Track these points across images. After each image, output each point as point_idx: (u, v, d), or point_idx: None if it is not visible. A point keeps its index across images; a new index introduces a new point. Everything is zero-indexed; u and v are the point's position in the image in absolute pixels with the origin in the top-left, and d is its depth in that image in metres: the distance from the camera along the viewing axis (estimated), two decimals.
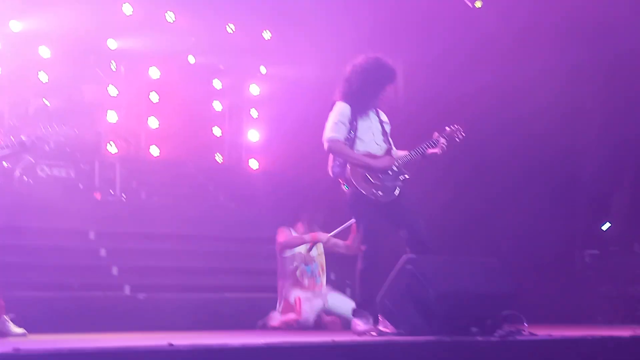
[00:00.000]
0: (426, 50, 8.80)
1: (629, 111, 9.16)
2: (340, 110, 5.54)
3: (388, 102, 5.74)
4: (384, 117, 5.75)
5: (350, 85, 5.55)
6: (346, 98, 5.57)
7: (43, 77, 9.50)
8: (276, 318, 7.16)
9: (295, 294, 7.24)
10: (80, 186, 8.93)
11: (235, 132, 11.09)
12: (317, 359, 4.01)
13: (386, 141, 5.68)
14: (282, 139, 10.20)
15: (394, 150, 5.67)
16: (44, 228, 7.78)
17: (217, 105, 11.00)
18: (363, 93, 5.54)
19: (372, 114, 5.66)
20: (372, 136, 5.59)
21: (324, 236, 7.30)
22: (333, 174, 5.62)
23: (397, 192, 5.52)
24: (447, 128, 5.74)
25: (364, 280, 5.51)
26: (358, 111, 5.56)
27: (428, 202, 6.93)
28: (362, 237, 5.55)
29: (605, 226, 9.67)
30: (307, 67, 9.51)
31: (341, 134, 5.50)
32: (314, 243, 7.34)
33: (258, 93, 11.00)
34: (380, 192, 5.47)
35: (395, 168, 5.55)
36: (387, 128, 5.74)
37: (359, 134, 5.53)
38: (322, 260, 7.58)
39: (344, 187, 5.59)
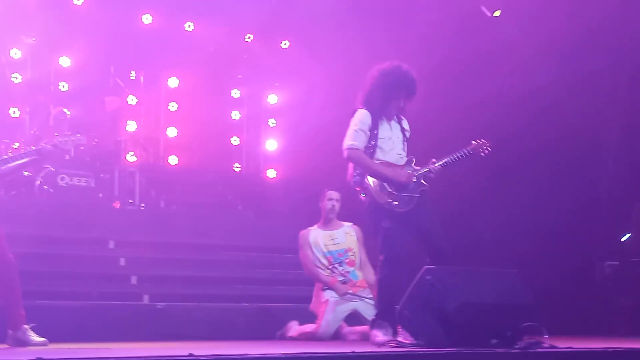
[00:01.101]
0: (442, 57, 8.79)
1: None
2: (361, 118, 5.53)
3: (409, 110, 5.71)
4: (405, 125, 5.73)
5: (372, 92, 5.54)
6: (367, 104, 5.56)
7: (63, 86, 9.57)
8: (294, 329, 7.12)
9: (326, 295, 7.02)
10: (100, 195, 8.97)
11: (254, 141, 11.12)
12: None
13: (407, 150, 5.67)
14: (300, 148, 10.21)
15: (413, 160, 5.65)
16: (63, 237, 7.82)
17: (236, 115, 11.04)
18: (383, 100, 5.51)
19: (393, 122, 5.65)
20: (392, 145, 5.58)
21: (341, 290, 6.98)
22: (353, 182, 5.61)
23: (414, 202, 5.50)
24: (473, 142, 5.75)
25: (382, 290, 5.51)
26: (379, 118, 5.54)
27: (446, 212, 6.89)
28: (380, 246, 5.54)
29: (626, 237, 9.59)
30: (325, 77, 9.51)
31: (361, 142, 5.49)
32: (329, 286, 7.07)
33: (276, 102, 11.02)
34: (396, 202, 5.46)
35: (414, 179, 5.54)
36: (408, 135, 5.71)
37: (379, 142, 5.52)
38: (354, 252, 7.19)
39: (362, 196, 5.59)
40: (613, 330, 8.42)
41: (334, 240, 7.16)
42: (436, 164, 5.60)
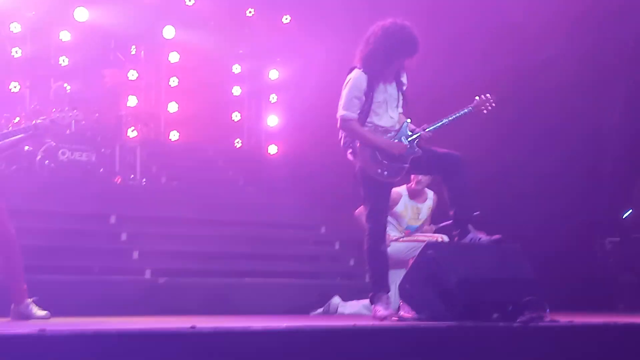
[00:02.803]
0: (446, 34, 8.74)
1: None
2: (356, 82, 5.33)
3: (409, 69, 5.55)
4: (404, 79, 5.51)
5: (373, 52, 5.31)
6: (366, 65, 5.35)
7: (63, 60, 9.53)
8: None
9: None
10: (101, 170, 8.97)
11: (255, 117, 11.10)
12: (339, 344, 4.01)
13: (402, 110, 5.48)
14: (301, 124, 10.19)
15: (407, 123, 5.47)
16: (65, 212, 7.83)
17: (237, 90, 11.01)
18: (385, 63, 5.32)
19: (389, 81, 5.44)
20: (386, 108, 5.41)
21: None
22: (343, 145, 5.48)
23: (403, 172, 5.44)
24: (476, 98, 5.56)
25: (372, 259, 5.46)
26: (375, 78, 5.35)
27: None
28: (366, 216, 5.49)
29: (627, 213, 9.61)
30: (326, 52, 9.46)
31: (354, 111, 5.33)
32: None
33: (277, 78, 10.98)
34: (386, 172, 5.38)
35: (407, 146, 5.40)
36: (405, 88, 5.51)
37: (374, 106, 5.35)
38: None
39: (349, 156, 5.48)
40: (613, 306, 8.46)
41: (418, 216, 7.06)
42: (427, 129, 5.45)
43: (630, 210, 9.61)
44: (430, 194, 7.09)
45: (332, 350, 3.93)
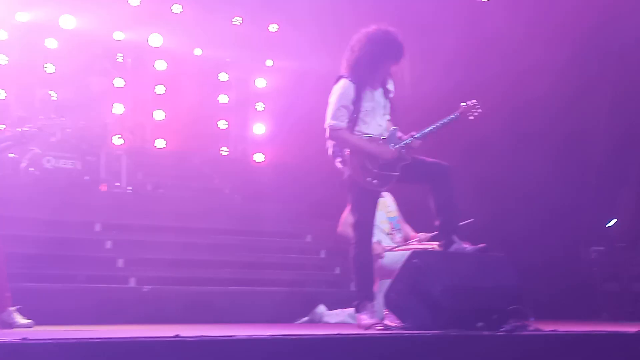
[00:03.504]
0: (433, 43, 8.79)
1: (636, 107, 9.14)
2: (343, 91, 5.34)
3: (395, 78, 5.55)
4: (390, 86, 5.52)
5: (358, 59, 5.32)
6: (352, 73, 5.36)
7: (50, 68, 9.50)
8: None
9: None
10: (86, 178, 8.93)
11: (241, 125, 11.10)
12: (323, 353, 4.01)
13: (390, 117, 5.49)
14: (287, 133, 10.20)
15: (396, 130, 5.47)
16: (49, 220, 7.79)
17: (223, 98, 11.02)
18: (371, 69, 5.33)
19: (376, 89, 5.45)
20: (374, 116, 5.41)
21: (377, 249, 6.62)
22: (332, 153, 5.48)
23: (393, 180, 5.44)
24: (462, 104, 5.57)
25: (358, 267, 5.46)
26: (362, 86, 5.35)
27: None
28: (354, 224, 5.49)
29: (611, 223, 9.66)
30: (313, 60, 9.49)
31: (343, 120, 5.33)
32: None
33: (264, 86, 10.99)
34: (375, 181, 5.39)
35: (396, 153, 5.41)
36: (392, 96, 5.51)
37: (361, 115, 5.36)
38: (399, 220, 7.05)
39: (338, 164, 5.48)
40: (597, 315, 8.49)
41: (388, 208, 7.02)
42: (416, 136, 5.45)
43: (615, 220, 9.66)
44: (388, 195, 7.02)
45: (317, 359, 3.93)
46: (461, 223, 5.67)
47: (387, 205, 6.99)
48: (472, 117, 5.59)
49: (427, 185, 5.46)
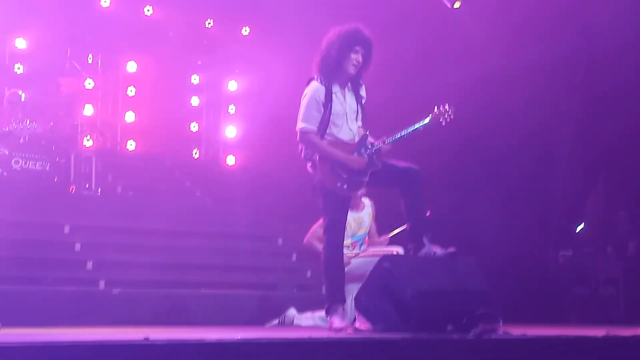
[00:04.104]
0: (404, 48, 8.83)
1: (604, 114, 9.26)
2: (313, 94, 5.37)
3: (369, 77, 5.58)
4: (363, 92, 5.57)
5: (328, 51, 5.37)
6: (323, 66, 5.39)
7: (19, 68, 9.40)
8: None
9: None
10: (56, 179, 8.84)
11: (213, 128, 11.06)
12: (294, 356, 4.01)
13: (361, 123, 5.51)
14: (259, 136, 10.18)
15: (367, 136, 5.48)
16: (18, 221, 7.70)
17: (195, 101, 10.97)
18: (339, 57, 5.34)
19: (348, 92, 5.48)
20: (345, 120, 5.43)
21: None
22: (303, 157, 5.48)
23: (363, 185, 5.46)
24: (435, 109, 5.57)
25: (328, 270, 5.47)
26: (332, 88, 5.38)
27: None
28: (324, 229, 5.50)
29: (579, 227, 9.77)
30: (285, 64, 9.49)
31: (313, 123, 5.35)
32: None
33: (236, 89, 10.97)
34: (345, 186, 5.40)
35: (366, 160, 5.41)
36: (364, 102, 5.54)
37: (332, 118, 5.37)
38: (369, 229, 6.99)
39: (309, 169, 5.49)
40: (565, 319, 8.58)
41: (360, 225, 6.99)
42: (387, 141, 5.46)
43: (583, 225, 9.77)
44: (366, 201, 7.07)
45: None
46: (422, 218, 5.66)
47: (359, 222, 7.00)
48: (444, 123, 5.62)
49: (398, 189, 5.48)
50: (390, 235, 6.97)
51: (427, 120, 5.57)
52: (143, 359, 3.49)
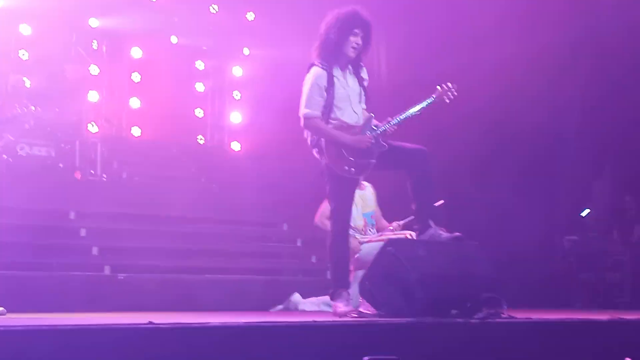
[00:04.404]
0: (407, 32, 8.80)
1: (610, 98, 9.22)
2: (315, 79, 5.34)
3: (369, 62, 5.54)
4: (364, 74, 5.54)
5: (327, 34, 5.35)
6: (323, 49, 5.37)
7: (23, 54, 9.39)
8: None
9: None
10: (61, 165, 8.86)
11: (218, 114, 11.05)
12: (298, 340, 4.01)
13: (365, 105, 5.49)
14: (264, 121, 10.17)
15: (372, 118, 5.46)
16: (23, 208, 7.72)
17: (200, 87, 10.95)
18: (339, 39, 5.32)
19: (349, 75, 5.46)
20: (349, 103, 5.42)
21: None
22: (309, 143, 5.47)
23: (370, 168, 5.44)
24: (437, 87, 5.52)
25: (334, 257, 5.47)
26: (334, 71, 5.36)
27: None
28: (332, 211, 5.49)
29: (585, 212, 9.75)
30: (290, 49, 9.46)
31: (316, 108, 5.33)
32: None
33: (241, 75, 10.95)
34: (353, 169, 5.38)
35: (373, 140, 5.44)
36: (366, 84, 5.51)
37: (335, 101, 5.35)
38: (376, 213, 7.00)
39: (316, 154, 5.47)
40: (570, 303, 8.58)
41: (367, 202, 6.94)
42: (392, 122, 5.42)
43: (588, 210, 9.75)
44: (366, 183, 7.00)
45: (291, 346, 3.93)
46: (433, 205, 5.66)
47: (365, 199, 6.98)
48: (448, 101, 5.57)
49: (405, 170, 5.47)
50: (402, 223, 6.93)
51: (431, 99, 5.52)
52: (146, 343, 3.50)
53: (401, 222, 6.89)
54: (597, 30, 9.07)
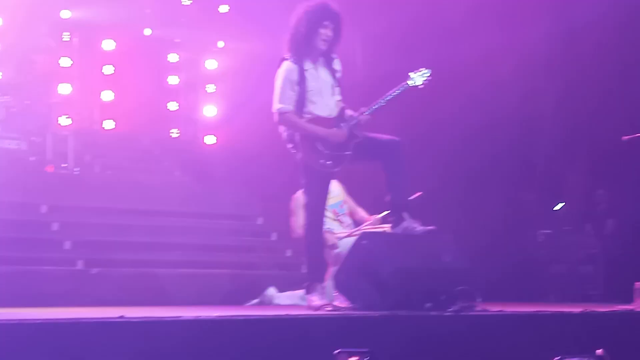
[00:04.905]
0: (384, 24, 8.78)
1: (583, 92, 9.27)
2: (286, 74, 5.34)
3: (343, 53, 5.54)
4: (337, 65, 5.53)
5: (297, 27, 5.35)
6: (293, 43, 5.37)
7: None
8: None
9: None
10: (32, 159, 8.74)
11: (192, 107, 10.97)
12: (272, 333, 3.99)
13: (339, 97, 5.47)
14: (238, 115, 10.10)
15: (344, 108, 5.45)
16: None
17: (173, 80, 10.86)
18: (309, 32, 5.31)
19: (320, 67, 5.45)
20: (321, 97, 5.41)
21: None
22: (284, 138, 5.46)
23: (346, 160, 5.42)
24: (410, 74, 5.50)
25: (309, 250, 5.46)
26: (304, 64, 5.35)
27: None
28: (306, 205, 5.47)
29: (558, 206, 9.81)
30: (264, 42, 9.41)
31: (289, 103, 5.32)
32: None
33: (215, 68, 10.88)
34: (329, 162, 5.38)
35: (347, 132, 5.38)
36: (339, 75, 5.50)
37: (308, 95, 5.34)
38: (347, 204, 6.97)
39: (291, 149, 5.45)
40: (544, 297, 8.63)
41: (330, 194, 6.97)
42: (365, 112, 5.41)
43: (562, 203, 9.81)
44: (334, 181, 6.72)
45: (265, 339, 3.91)
46: (410, 197, 5.66)
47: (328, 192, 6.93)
48: (422, 86, 5.55)
49: (380, 161, 5.46)
50: (381, 216, 6.91)
51: (404, 86, 5.48)
52: (119, 337, 3.46)
53: (379, 216, 6.88)
54: (573, 22, 9.10)
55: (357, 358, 2.41)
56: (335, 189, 6.96)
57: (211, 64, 10.85)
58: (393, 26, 8.90)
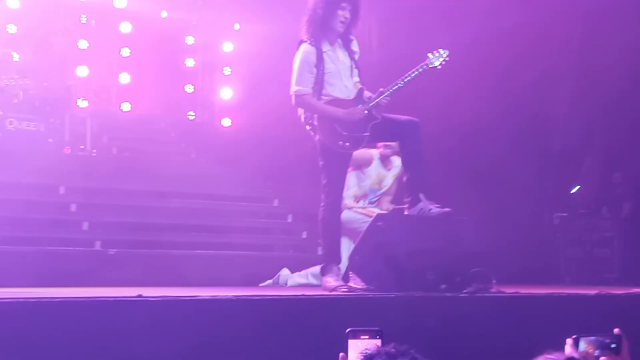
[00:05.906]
0: (400, 5, 8.74)
1: (601, 75, 9.21)
2: (304, 56, 5.35)
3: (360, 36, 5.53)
4: (355, 47, 5.53)
5: (310, 14, 5.36)
6: (308, 30, 5.38)
7: (11, 28, 9.30)
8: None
9: None
10: (50, 140, 8.80)
11: (208, 89, 10.99)
12: (287, 313, 4.03)
13: (358, 78, 5.47)
14: (255, 97, 10.12)
15: (363, 90, 5.44)
16: (12, 182, 7.69)
17: (190, 62, 10.89)
18: (326, 12, 5.31)
19: (339, 49, 5.45)
20: (340, 79, 5.42)
21: None
22: (302, 121, 5.48)
23: (365, 141, 5.43)
24: (429, 55, 5.49)
25: (325, 229, 5.48)
26: (322, 45, 5.35)
27: None
28: (324, 186, 5.49)
29: (575, 189, 9.77)
30: (281, 24, 9.40)
31: (307, 85, 5.33)
32: None
33: (231, 50, 10.88)
34: (347, 144, 5.39)
35: (366, 112, 5.42)
36: (357, 57, 5.50)
37: (326, 77, 5.35)
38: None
39: (310, 131, 5.46)
40: (559, 280, 8.62)
41: (381, 183, 6.91)
42: (384, 93, 5.40)
43: (578, 187, 9.78)
44: (397, 161, 6.87)
45: (280, 320, 3.95)
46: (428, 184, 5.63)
47: (381, 179, 6.92)
48: (440, 67, 5.53)
49: (398, 141, 5.47)
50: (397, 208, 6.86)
51: (422, 67, 5.46)
52: (136, 315, 3.51)
53: (394, 207, 6.74)
54: (593, 3, 9.02)
55: (367, 336, 2.44)
56: (390, 180, 6.86)
57: (227, 47, 10.86)
58: (409, 7, 8.86)
